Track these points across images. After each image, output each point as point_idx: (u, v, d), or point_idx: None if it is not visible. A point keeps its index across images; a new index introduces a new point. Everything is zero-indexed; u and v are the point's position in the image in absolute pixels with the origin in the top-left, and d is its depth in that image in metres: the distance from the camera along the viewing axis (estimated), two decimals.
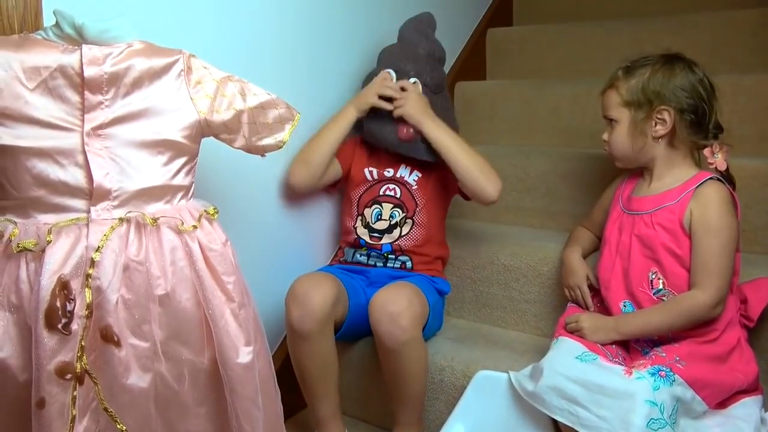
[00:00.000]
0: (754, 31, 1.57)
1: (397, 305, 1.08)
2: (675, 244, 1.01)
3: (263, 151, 0.94)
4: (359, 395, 1.33)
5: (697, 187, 1.01)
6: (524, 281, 1.34)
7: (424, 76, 1.29)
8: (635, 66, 1.06)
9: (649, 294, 1.03)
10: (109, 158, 0.79)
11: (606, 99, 1.09)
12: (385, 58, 1.34)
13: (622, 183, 1.16)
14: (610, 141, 1.09)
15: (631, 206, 1.09)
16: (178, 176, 0.84)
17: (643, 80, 1.04)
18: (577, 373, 0.93)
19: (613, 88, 1.07)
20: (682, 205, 1.01)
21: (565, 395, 0.92)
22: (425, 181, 1.30)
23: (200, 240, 0.82)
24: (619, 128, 1.07)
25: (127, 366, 0.75)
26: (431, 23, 1.38)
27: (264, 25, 1.22)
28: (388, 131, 1.27)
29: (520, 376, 1.04)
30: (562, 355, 0.98)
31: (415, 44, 1.32)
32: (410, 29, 1.35)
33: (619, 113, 1.06)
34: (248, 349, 0.83)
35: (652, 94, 1.03)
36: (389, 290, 1.12)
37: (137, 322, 0.77)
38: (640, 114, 1.04)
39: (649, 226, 1.04)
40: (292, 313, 1.10)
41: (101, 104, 0.79)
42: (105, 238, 0.76)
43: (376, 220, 1.30)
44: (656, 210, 1.04)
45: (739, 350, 0.99)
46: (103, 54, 0.79)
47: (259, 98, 0.90)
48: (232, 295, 0.83)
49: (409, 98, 1.24)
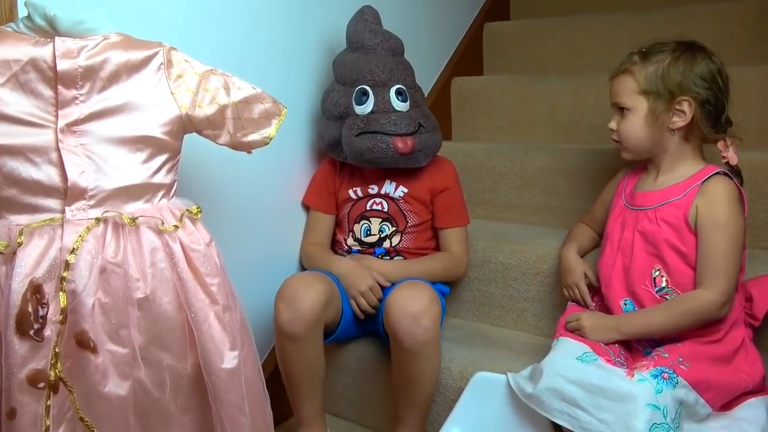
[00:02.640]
0: (756, 22, 1.53)
1: (418, 305, 1.05)
2: (679, 240, 0.97)
3: (249, 147, 0.90)
4: (356, 398, 1.30)
5: (704, 181, 0.98)
6: (523, 280, 1.31)
7: (405, 78, 1.23)
8: (652, 51, 0.99)
9: (651, 292, 1.00)
10: (84, 156, 0.76)
11: (618, 85, 1.02)
12: (353, 74, 1.21)
13: (624, 177, 1.12)
14: (621, 130, 1.02)
15: (634, 201, 1.05)
16: (158, 174, 0.81)
17: (662, 68, 0.97)
18: (578, 374, 0.90)
19: (628, 73, 1.00)
20: (687, 201, 0.97)
21: (565, 397, 0.89)
22: (411, 195, 1.26)
23: (182, 240, 0.79)
24: (634, 117, 1.00)
25: (104, 373, 0.72)
26: (376, 16, 1.26)
27: (244, 15, 1.17)
28: (383, 149, 1.18)
29: (519, 377, 1.01)
30: (563, 356, 0.95)
31: (377, 49, 1.22)
32: (363, 32, 1.23)
33: (634, 101, 1.00)
34: (233, 354, 0.80)
35: (672, 83, 0.96)
36: (406, 290, 1.09)
37: (115, 327, 0.74)
38: (659, 104, 0.97)
39: (653, 222, 1.00)
40: (281, 315, 1.07)
41: (76, 99, 0.76)
42: (80, 240, 0.73)
43: (366, 235, 1.27)
44: (660, 205, 1.00)
45: (744, 350, 0.96)
46: (77, 47, 0.76)
47: (243, 92, 0.87)
48: (216, 298, 0.80)
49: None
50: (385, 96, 1.20)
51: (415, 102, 1.24)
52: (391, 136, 1.18)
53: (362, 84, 1.21)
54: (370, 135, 1.18)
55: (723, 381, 0.91)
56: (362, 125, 1.19)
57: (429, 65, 1.72)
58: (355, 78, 1.22)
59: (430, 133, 1.23)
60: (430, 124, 1.25)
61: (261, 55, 1.20)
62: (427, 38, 1.70)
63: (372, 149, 1.18)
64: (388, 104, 1.20)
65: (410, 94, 1.23)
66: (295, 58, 1.29)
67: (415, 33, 1.60)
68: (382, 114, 1.19)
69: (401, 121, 1.18)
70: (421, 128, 1.22)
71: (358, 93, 1.21)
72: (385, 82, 1.21)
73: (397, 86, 1.21)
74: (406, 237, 1.27)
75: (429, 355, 1.07)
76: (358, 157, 1.21)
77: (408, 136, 1.18)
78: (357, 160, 1.23)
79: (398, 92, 1.21)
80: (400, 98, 1.21)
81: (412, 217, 1.26)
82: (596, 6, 1.93)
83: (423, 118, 1.23)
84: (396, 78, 1.21)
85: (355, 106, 1.21)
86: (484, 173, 1.53)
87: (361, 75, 1.21)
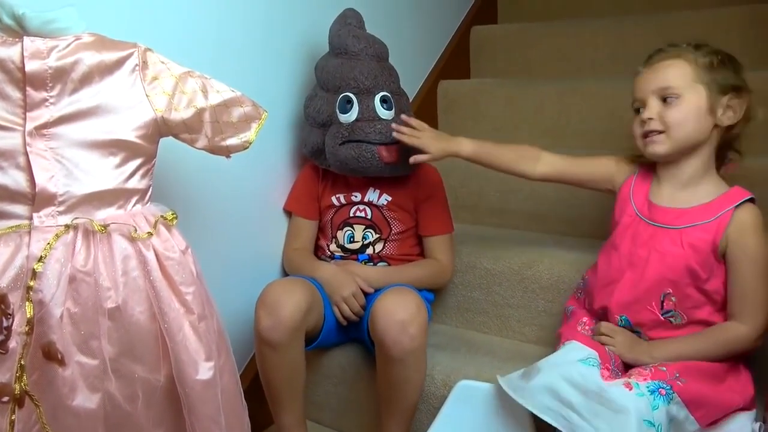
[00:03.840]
0: (743, 29, 1.54)
1: (406, 312, 1.02)
2: (700, 266, 0.92)
3: (228, 151, 0.88)
4: (338, 405, 1.28)
5: (736, 207, 0.93)
6: (507, 285, 1.29)
7: (390, 85, 1.21)
8: (700, 44, 0.96)
9: (657, 315, 0.96)
10: (54, 160, 0.73)
11: (668, 71, 0.95)
12: (336, 80, 1.18)
13: (632, 178, 1.04)
14: (671, 117, 0.94)
15: (653, 216, 0.98)
16: (132, 179, 0.79)
17: (717, 61, 0.94)
18: (578, 377, 0.87)
19: (683, 60, 0.95)
20: (719, 227, 0.92)
21: (560, 398, 0.86)
22: (395, 203, 1.24)
23: (156, 248, 0.77)
24: (687, 104, 0.93)
25: (72, 386, 0.70)
26: (358, 19, 1.23)
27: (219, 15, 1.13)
28: (368, 158, 1.15)
29: (509, 377, 0.98)
30: (565, 357, 0.92)
31: (361, 55, 1.18)
32: (347, 37, 1.19)
33: (689, 86, 0.93)
34: (209, 365, 0.78)
35: (730, 78, 0.93)
36: (393, 296, 1.07)
37: (84, 338, 0.71)
38: (716, 96, 0.93)
39: (677, 245, 0.94)
40: (261, 322, 1.05)
41: (45, 101, 0.73)
42: (49, 247, 0.70)
43: (349, 242, 1.25)
44: (688, 227, 0.94)
45: (737, 368, 0.94)
46: (47, 47, 0.73)
47: (222, 95, 0.85)
48: (191, 307, 0.78)
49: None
50: (369, 104, 1.18)
51: (400, 109, 1.22)
52: (376, 145, 1.15)
53: (346, 91, 1.18)
54: (355, 144, 1.16)
55: (715, 400, 0.89)
56: (346, 134, 1.16)
57: (415, 68, 1.71)
58: (338, 85, 1.19)
59: None
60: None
61: (237, 56, 1.17)
62: (414, 41, 1.68)
63: (357, 158, 1.15)
64: (372, 112, 1.18)
65: (395, 101, 1.21)
66: (275, 59, 1.26)
67: (401, 35, 1.59)
68: (367, 122, 1.16)
69: (386, 130, 1.16)
70: None
71: (342, 101, 1.18)
72: (370, 90, 1.18)
73: (382, 93, 1.18)
74: (390, 244, 1.25)
75: (415, 363, 1.06)
76: (343, 166, 1.18)
77: (393, 145, 1.16)
78: (341, 169, 1.20)
79: (383, 100, 1.19)
80: (385, 106, 1.19)
81: (396, 225, 1.25)
82: (583, 11, 1.93)
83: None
84: (381, 85, 1.19)
85: (339, 114, 1.18)
86: (470, 177, 1.52)
87: (345, 82, 1.18)
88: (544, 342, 1.25)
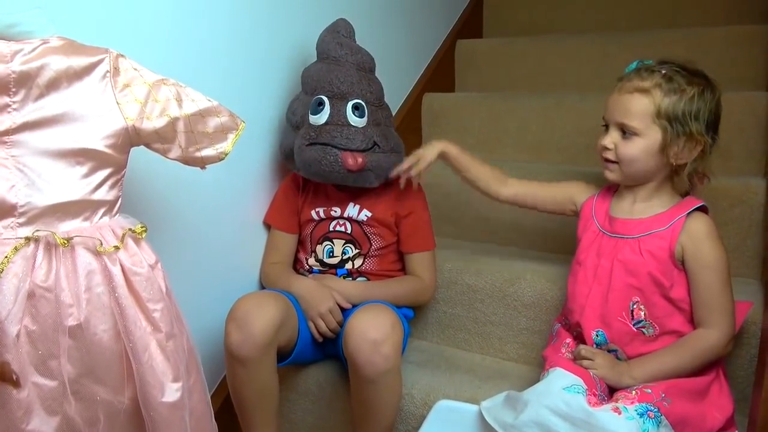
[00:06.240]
0: (721, 49, 1.55)
1: (379, 332, 0.99)
2: (662, 273, 0.94)
3: (203, 162, 0.85)
4: (315, 423, 1.25)
5: (687, 215, 0.94)
6: (489, 302, 1.28)
7: (366, 95, 1.18)
8: (675, 77, 0.93)
9: (629, 326, 0.97)
10: (15, 168, 0.69)
11: (630, 104, 0.94)
12: (314, 83, 1.17)
13: (593, 198, 1.08)
14: (624, 152, 0.95)
15: (614, 229, 1.01)
16: (100, 190, 0.75)
17: (686, 101, 0.92)
18: (564, 407, 0.86)
19: (646, 94, 0.93)
20: (673, 234, 0.94)
21: (549, 430, 0.85)
22: (375, 218, 1.21)
23: (123, 263, 0.73)
24: (642, 143, 0.94)
25: (28, 409, 0.66)
26: (348, 29, 1.22)
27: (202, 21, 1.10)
28: (330, 162, 1.13)
29: (494, 407, 0.96)
30: (549, 387, 0.91)
31: (342, 61, 1.18)
32: (330, 43, 1.19)
33: (648, 127, 0.93)
34: (176, 386, 0.74)
35: (695, 122, 0.91)
36: (366, 314, 1.03)
37: (42, 358, 0.67)
38: (675, 138, 0.92)
39: (636, 252, 0.96)
40: (231, 337, 1.01)
41: (8, 107, 0.70)
42: (6, 261, 0.66)
43: (328, 257, 1.22)
44: (645, 235, 0.96)
45: (718, 382, 0.94)
46: (11, 51, 0.70)
47: (198, 105, 0.82)
48: (158, 325, 0.74)
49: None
50: (341, 109, 1.16)
51: (375, 120, 1.19)
52: (341, 151, 1.13)
53: (320, 94, 1.16)
54: (321, 146, 1.13)
55: (698, 418, 0.89)
56: (314, 135, 1.14)
57: (401, 80, 1.70)
58: (314, 87, 1.17)
59: (385, 153, 1.18)
60: (389, 145, 1.20)
61: (221, 63, 1.14)
62: (399, 53, 1.67)
63: (320, 161, 1.13)
64: (343, 118, 1.15)
65: (370, 112, 1.18)
66: (259, 68, 1.23)
67: (388, 48, 1.57)
68: (336, 127, 1.14)
69: (355, 137, 1.14)
70: (376, 147, 1.17)
71: (314, 102, 1.16)
72: (344, 95, 1.16)
73: (356, 101, 1.16)
74: (370, 260, 1.22)
75: (389, 384, 1.02)
76: (306, 168, 1.16)
77: (359, 153, 1.14)
78: (306, 172, 1.18)
79: (355, 107, 1.16)
80: (356, 113, 1.16)
81: (377, 240, 1.22)
82: (568, 27, 1.94)
83: (380, 137, 1.18)
84: (356, 92, 1.17)
85: (310, 115, 1.16)
86: (453, 191, 1.50)
87: (320, 85, 1.17)
88: (525, 360, 1.24)
